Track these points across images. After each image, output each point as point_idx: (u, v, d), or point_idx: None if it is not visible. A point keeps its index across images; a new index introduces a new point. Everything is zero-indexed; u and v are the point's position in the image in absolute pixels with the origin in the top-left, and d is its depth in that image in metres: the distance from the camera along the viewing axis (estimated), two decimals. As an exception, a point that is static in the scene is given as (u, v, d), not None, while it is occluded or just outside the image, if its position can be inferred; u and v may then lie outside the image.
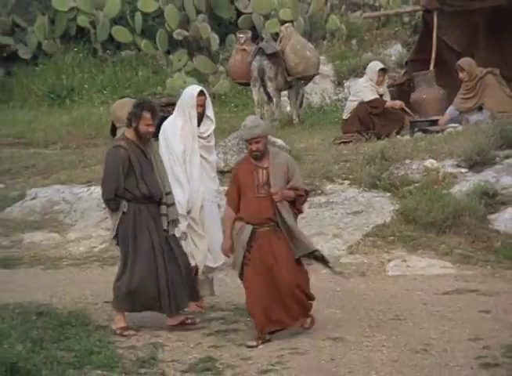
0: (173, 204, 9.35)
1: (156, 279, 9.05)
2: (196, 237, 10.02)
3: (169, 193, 9.33)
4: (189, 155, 9.95)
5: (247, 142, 8.90)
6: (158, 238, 9.14)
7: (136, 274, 9.04)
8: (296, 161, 13.81)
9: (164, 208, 9.21)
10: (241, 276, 8.94)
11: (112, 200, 9.13)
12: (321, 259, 9.11)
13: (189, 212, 9.94)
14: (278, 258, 8.79)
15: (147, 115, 8.96)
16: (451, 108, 15.70)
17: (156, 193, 9.16)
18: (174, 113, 10.12)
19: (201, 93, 10.01)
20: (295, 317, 8.97)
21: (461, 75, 15.59)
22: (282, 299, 8.83)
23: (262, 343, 8.82)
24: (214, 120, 10.24)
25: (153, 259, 9.06)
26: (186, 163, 9.96)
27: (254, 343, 8.77)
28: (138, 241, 9.09)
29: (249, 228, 8.75)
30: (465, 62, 15.65)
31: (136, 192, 9.03)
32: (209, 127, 10.13)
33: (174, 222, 9.38)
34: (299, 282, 8.88)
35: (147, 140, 9.12)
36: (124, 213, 9.07)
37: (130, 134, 9.08)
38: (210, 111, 10.13)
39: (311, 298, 9.08)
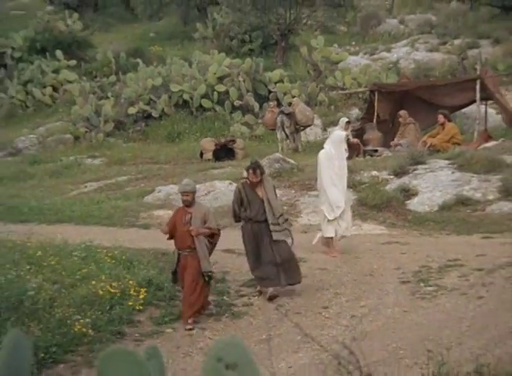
0: (277, 223, 8.37)
1: (261, 265, 8.38)
2: (344, 215, 9.69)
3: (280, 215, 8.43)
4: (341, 169, 9.70)
5: (181, 194, 7.89)
6: (259, 244, 8.37)
7: (252, 265, 8.48)
8: (299, 172, 14.08)
9: (271, 226, 8.32)
10: (174, 281, 7.99)
11: (234, 217, 8.67)
12: (209, 276, 7.79)
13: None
14: (187, 274, 7.70)
15: (251, 172, 8.31)
16: (396, 139, 15.64)
17: (255, 217, 8.36)
18: (328, 145, 9.80)
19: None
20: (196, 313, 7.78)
21: (400, 119, 15.67)
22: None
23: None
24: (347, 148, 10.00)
25: (258, 255, 8.40)
26: (339, 172, 9.67)
27: (190, 326, 7.60)
28: (247, 245, 8.49)
29: (177, 252, 7.84)
30: (403, 112, 15.71)
31: (243, 215, 8.44)
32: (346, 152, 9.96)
33: (282, 232, 8.43)
34: (195, 294, 7.68)
35: (255, 186, 8.36)
36: (242, 227, 8.61)
37: (248, 180, 8.44)
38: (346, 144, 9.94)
39: (199, 309, 7.77)
